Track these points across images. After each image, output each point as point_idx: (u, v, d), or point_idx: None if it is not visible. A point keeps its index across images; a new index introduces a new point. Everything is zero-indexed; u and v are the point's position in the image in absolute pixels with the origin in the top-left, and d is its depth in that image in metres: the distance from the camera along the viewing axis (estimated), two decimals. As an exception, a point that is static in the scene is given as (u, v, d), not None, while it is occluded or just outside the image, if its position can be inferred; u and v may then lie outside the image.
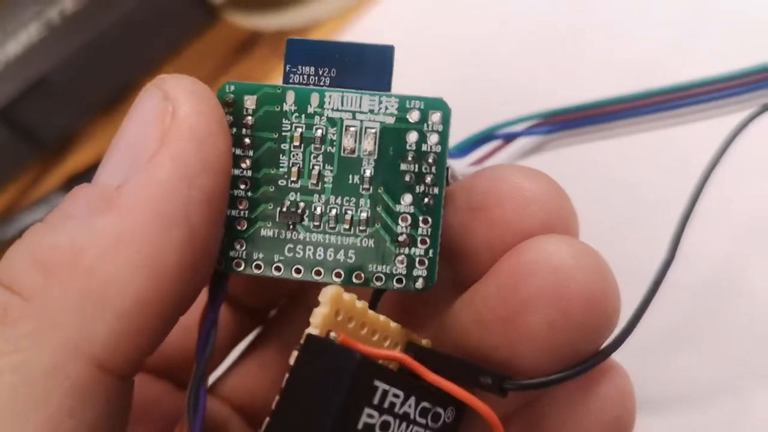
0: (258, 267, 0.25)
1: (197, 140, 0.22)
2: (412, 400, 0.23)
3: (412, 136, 0.24)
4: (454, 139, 0.29)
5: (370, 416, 0.22)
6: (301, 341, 0.23)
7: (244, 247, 0.25)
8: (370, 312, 0.24)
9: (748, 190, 0.41)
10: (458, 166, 0.29)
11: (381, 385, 0.22)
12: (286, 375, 0.23)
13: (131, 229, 0.21)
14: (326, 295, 0.23)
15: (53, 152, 0.57)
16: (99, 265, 0.21)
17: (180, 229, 0.22)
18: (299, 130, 0.24)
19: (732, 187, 0.34)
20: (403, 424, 0.23)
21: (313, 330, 0.23)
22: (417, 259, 0.24)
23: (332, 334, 0.23)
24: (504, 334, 0.24)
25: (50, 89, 0.55)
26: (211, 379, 0.32)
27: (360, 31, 0.53)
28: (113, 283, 0.21)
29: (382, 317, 0.24)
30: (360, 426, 0.22)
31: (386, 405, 0.22)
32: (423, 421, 0.23)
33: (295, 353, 0.23)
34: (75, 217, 0.22)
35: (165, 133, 0.22)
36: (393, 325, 0.25)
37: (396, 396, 0.23)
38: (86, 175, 0.52)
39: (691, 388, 0.38)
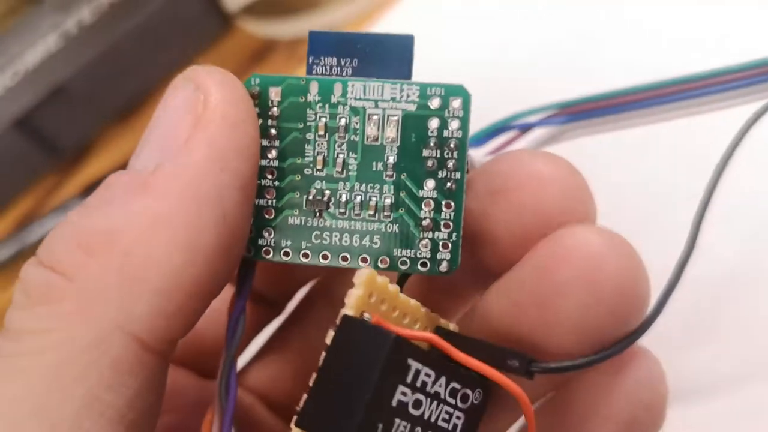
0: (286, 254, 0.25)
1: (229, 126, 0.23)
2: (442, 380, 0.24)
3: (434, 123, 0.25)
4: (471, 129, 0.29)
5: (404, 394, 0.23)
6: (337, 321, 0.23)
7: (272, 235, 0.25)
8: (402, 296, 0.25)
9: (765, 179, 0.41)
10: (476, 155, 0.30)
11: (414, 364, 0.23)
12: (323, 353, 0.23)
13: (168, 211, 0.22)
14: (360, 277, 0.24)
15: (71, 160, 0.57)
16: (137, 246, 0.22)
17: (214, 211, 0.22)
18: (323, 119, 0.25)
19: (751, 176, 0.34)
20: (434, 403, 0.23)
21: (348, 311, 0.23)
22: (441, 243, 0.25)
23: (366, 316, 0.23)
24: (538, 317, 0.24)
25: (68, 98, 0.55)
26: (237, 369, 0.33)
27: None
28: (151, 262, 0.22)
29: (412, 301, 0.25)
30: (394, 403, 0.23)
31: (419, 384, 0.23)
32: (452, 401, 0.24)
33: (331, 333, 0.23)
34: (112, 200, 0.23)
35: (198, 120, 0.23)
36: (423, 309, 0.25)
37: (428, 375, 0.23)
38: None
39: (713, 379, 0.38)
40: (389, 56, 0.25)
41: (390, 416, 0.23)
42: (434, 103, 0.25)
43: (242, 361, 0.33)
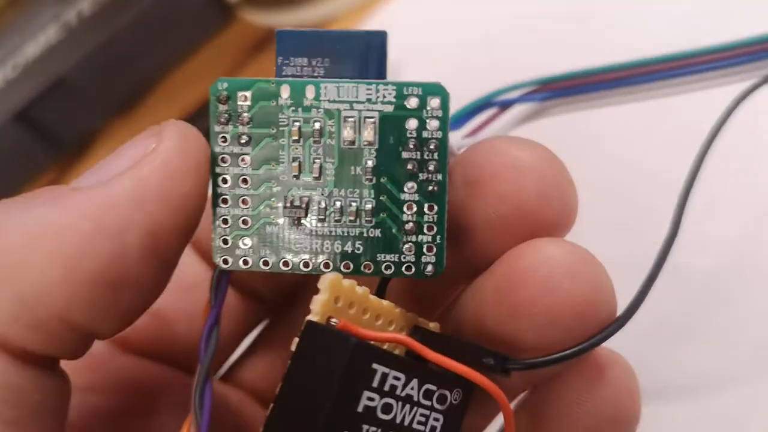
0: (266, 263, 0.25)
1: (165, 173, 0.23)
2: (414, 383, 0.23)
3: (412, 123, 0.24)
4: (451, 107, 0.29)
5: (371, 399, 0.22)
6: (302, 328, 0.23)
7: (250, 245, 0.24)
8: (372, 297, 0.24)
9: (754, 164, 0.40)
10: (453, 138, 0.29)
11: (380, 369, 0.22)
12: (288, 362, 0.23)
13: (60, 224, 0.22)
14: (324, 282, 0.23)
15: (72, 153, 0.57)
16: (18, 248, 0.22)
17: (110, 242, 0.22)
18: (297, 124, 0.24)
19: (736, 160, 0.34)
20: (407, 406, 0.23)
21: (312, 317, 0.23)
22: (425, 246, 0.24)
23: (333, 320, 0.23)
24: (499, 332, 0.24)
25: (69, 90, 0.55)
26: (227, 366, 0.33)
27: (375, 26, 0.53)
28: (25, 268, 0.21)
29: (385, 302, 0.25)
30: (360, 409, 0.22)
31: (386, 388, 0.23)
32: (428, 402, 0.24)
33: (296, 340, 0.23)
34: (18, 204, 0.23)
35: (139, 160, 0.23)
36: (397, 309, 0.25)
37: (396, 379, 0.23)
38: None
39: (701, 376, 0.38)
40: (361, 54, 0.25)
41: (357, 422, 0.22)
42: (412, 103, 0.24)
43: (235, 355, 0.33)
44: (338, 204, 0.24)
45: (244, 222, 0.24)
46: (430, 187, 0.24)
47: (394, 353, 0.23)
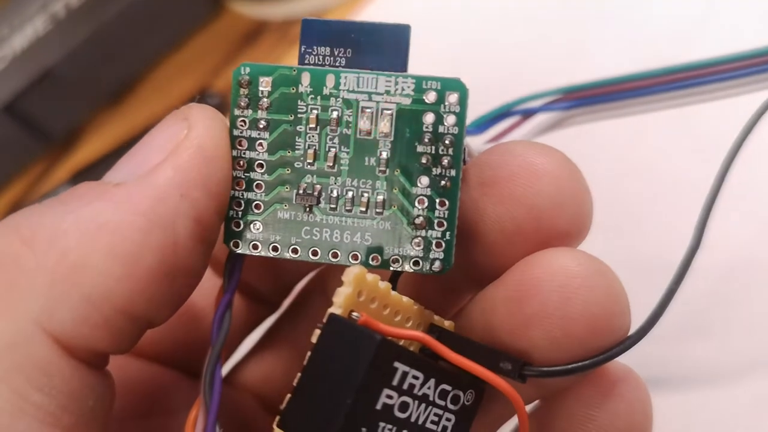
0: (275, 249, 0.25)
1: (202, 159, 0.23)
2: (431, 383, 0.23)
3: (429, 118, 0.24)
4: (472, 115, 0.29)
5: (389, 397, 0.22)
6: (324, 320, 0.23)
7: (260, 230, 0.25)
8: (393, 293, 0.24)
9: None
10: (475, 143, 0.29)
11: (401, 367, 0.22)
12: (308, 353, 0.23)
13: (116, 222, 0.22)
14: (349, 275, 0.23)
15: (60, 145, 0.57)
16: (76, 248, 0.22)
17: (163, 233, 0.22)
18: (315, 111, 0.24)
19: (757, 168, 0.34)
20: (422, 406, 0.23)
21: (335, 309, 0.23)
22: (434, 242, 0.24)
23: (354, 314, 0.23)
24: (510, 343, 0.24)
25: (57, 82, 0.55)
26: (228, 367, 0.32)
27: (366, 18, 0.53)
28: (86, 267, 0.21)
29: (405, 298, 0.24)
30: (379, 406, 0.22)
31: (405, 386, 0.23)
32: (442, 402, 0.23)
33: (317, 332, 0.23)
34: (68, 203, 0.23)
35: (175, 148, 0.23)
36: (416, 306, 0.25)
37: (415, 378, 0.23)
38: (94, 167, 0.53)
39: (716, 373, 0.37)
40: (384, 46, 0.24)
41: (374, 419, 0.22)
42: (430, 97, 0.24)
43: (236, 357, 0.33)
44: (350, 194, 0.24)
45: (257, 207, 0.25)
46: (443, 183, 0.24)
47: (414, 352, 0.23)
